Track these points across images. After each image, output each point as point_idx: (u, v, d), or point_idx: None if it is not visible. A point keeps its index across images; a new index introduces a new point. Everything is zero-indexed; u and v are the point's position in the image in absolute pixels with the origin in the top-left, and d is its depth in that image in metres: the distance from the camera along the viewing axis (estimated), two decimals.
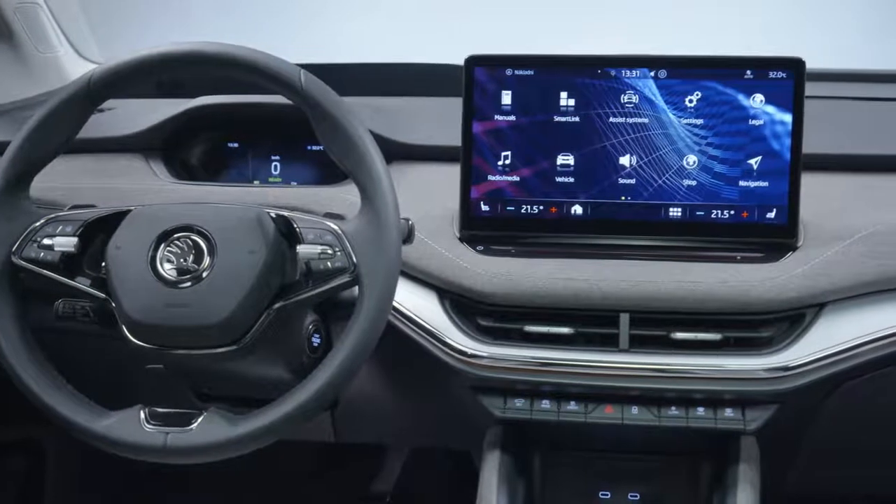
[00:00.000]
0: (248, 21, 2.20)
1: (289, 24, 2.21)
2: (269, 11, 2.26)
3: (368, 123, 1.36)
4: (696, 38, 1.89)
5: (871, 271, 1.34)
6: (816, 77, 1.52)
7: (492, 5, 2.24)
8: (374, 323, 1.21)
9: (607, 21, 2.18)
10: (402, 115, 1.62)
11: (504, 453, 1.44)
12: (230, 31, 1.63)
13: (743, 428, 1.37)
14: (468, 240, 1.44)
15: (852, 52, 2.00)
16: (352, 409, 1.54)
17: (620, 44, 1.86)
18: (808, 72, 1.38)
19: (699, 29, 2.08)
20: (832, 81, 1.70)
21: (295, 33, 2.14)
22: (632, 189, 1.43)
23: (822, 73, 1.66)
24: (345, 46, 2.07)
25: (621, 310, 1.36)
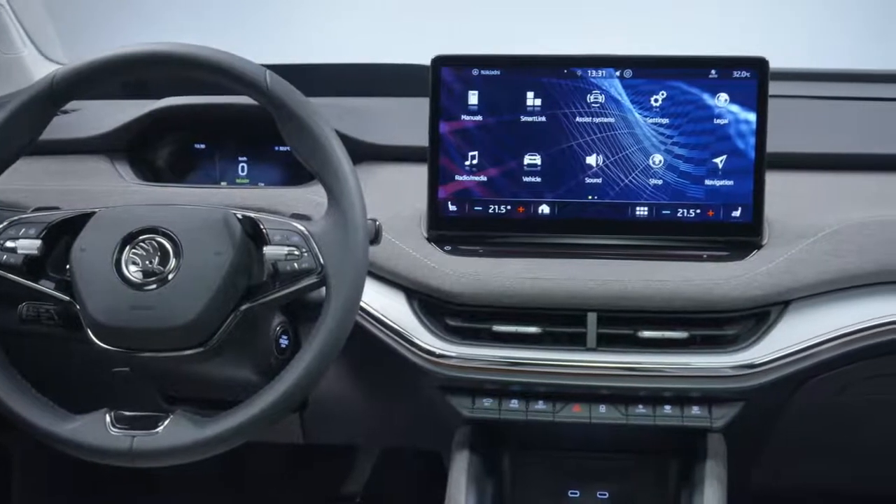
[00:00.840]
0: (218, 21, 2.19)
1: (259, 25, 2.20)
2: (240, 12, 2.25)
3: (335, 124, 1.36)
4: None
5: (834, 269, 1.35)
6: (780, 76, 1.53)
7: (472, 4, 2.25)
8: (341, 324, 1.21)
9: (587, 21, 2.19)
10: (370, 115, 1.62)
11: (473, 453, 1.45)
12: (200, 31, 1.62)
13: (709, 425, 1.38)
14: (436, 240, 1.44)
15: (855, 53, 2.02)
16: (321, 410, 1.54)
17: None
18: (772, 71, 1.39)
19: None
20: (796, 81, 1.71)
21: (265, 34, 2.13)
22: (598, 188, 1.43)
23: (786, 72, 1.68)
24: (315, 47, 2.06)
25: (589, 309, 1.37)
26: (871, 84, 1.76)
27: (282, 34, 2.11)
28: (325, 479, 2.15)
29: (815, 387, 1.38)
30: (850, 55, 1.99)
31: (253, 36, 2.08)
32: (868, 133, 1.57)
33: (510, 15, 2.17)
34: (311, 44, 2.06)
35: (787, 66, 1.66)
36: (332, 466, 2.14)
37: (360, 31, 2.10)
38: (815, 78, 1.76)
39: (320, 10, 2.15)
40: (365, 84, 1.70)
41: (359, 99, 1.66)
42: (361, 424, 1.62)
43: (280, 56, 1.57)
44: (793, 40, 1.97)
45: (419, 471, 2.03)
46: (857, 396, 1.43)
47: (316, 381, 1.21)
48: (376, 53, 1.78)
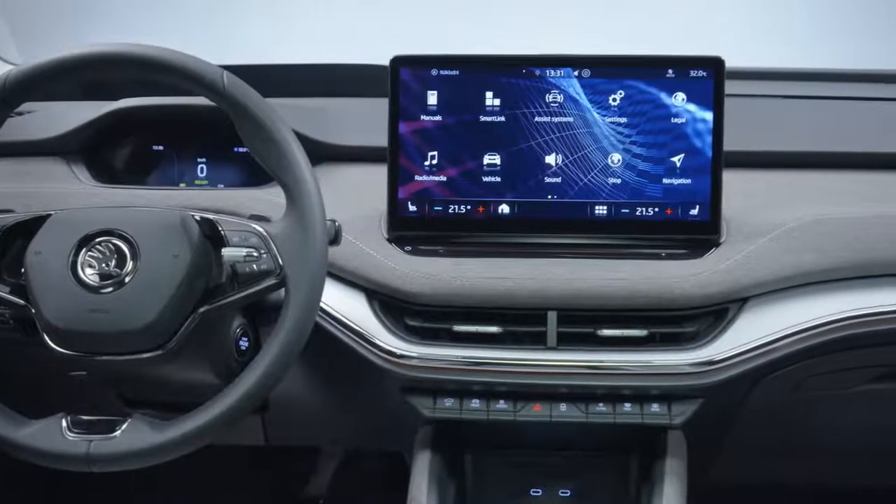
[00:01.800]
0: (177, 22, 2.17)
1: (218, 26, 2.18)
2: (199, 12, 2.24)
3: (294, 124, 1.35)
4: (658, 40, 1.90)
5: (791, 266, 1.37)
6: (736, 75, 1.55)
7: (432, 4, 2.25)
8: (300, 325, 1.20)
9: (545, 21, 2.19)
10: (329, 116, 1.61)
11: (434, 453, 1.45)
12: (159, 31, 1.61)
13: (669, 422, 1.39)
14: (396, 240, 1.44)
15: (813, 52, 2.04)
16: (282, 412, 1.53)
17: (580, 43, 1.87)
18: (728, 70, 1.40)
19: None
20: (752, 80, 1.73)
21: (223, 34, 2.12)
22: (558, 188, 1.44)
23: (742, 71, 1.69)
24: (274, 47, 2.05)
25: (549, 308, 1.37)
26: (826, 83, 1.78)
27: (240, 35, 2.10)
28: (288, 480, 2.15)
29: (773, 383, 1.40)
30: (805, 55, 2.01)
31: (212, 37, 2.06)
32: (823, 131, 1.59)
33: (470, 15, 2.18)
34: (270, 44, 2.05)
35: (743, 66, 1.68)
36: (294, 468, 2.13)
37: (318, 31, 2.09)
38: (770, 77, 1.77)
39: (279, 11, 2.14)
40: (324, 84, 1.69)
41: (318, 99, 1.66)
42: (323, 426, 1.62)
43: (238, 57, 1.56)
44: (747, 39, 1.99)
45: (382, 472, 2.03)
46: (813, 392, 1.45)
47: (276, 383, 1.21)
48: (335, 54, 1.77)
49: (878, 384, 1.45)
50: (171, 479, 1.89)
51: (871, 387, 1.46)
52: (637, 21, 2.07)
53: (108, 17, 2.26)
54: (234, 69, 1.26)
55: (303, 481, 2.14)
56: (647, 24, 2.05)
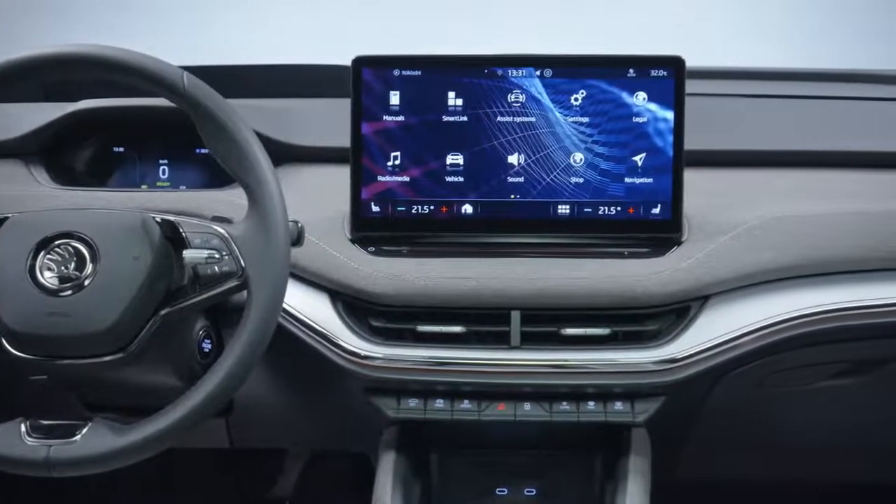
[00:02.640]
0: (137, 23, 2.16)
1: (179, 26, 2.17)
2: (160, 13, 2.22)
3: (256, 125, 1.35)
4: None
5: (751, 264, 1.38)
6: (697, 75, 1.56)
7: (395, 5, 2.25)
8: (263, 327, 1.20)
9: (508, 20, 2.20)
10: (292, 116, 1.60)
11: (399, 454, 1.45)
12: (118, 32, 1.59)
13: (632, 420, 1.39)
14: (359, 241, 1.44)
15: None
16: (247, 414, 1.53)
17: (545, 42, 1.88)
18: (689, 70, 1.41)
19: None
20: (713, 79, 1.74)
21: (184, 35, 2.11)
22: (521, 187, 1.44)
23: (703, 70, 1.71)
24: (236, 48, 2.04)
25: (512, 307, 1.38)
26: (786, 82, 1.80)
27: (201, 36, 2.09)
28: (254, 483, 2.14)
29: (735, 380, 1.41)
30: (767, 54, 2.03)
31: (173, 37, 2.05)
32: (783, 130, 1.60)
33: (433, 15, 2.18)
34: (232, 45, 2.04)
35: (703, 65, 1.69)
36: (260, 470, 2.12)
37: (280, 31, 2.09)
38: (731, 76, 1.79)
39: (241, 11, 2.13)
40: (286, 85, 1.68)
41: (280, 100, 1.65)
42: (288, 427, 1.61)
43: (200, 57, 1.55)
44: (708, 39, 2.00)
45: (348, 473, 2.03)
46: (775, 389, 1.46)
47: (238, 385, 1.20)
48: (297, 54, 1.76)
49: (838, 380, 1.47)
50: (135, 483, 1.88)
51: (831, 383, 1.47)
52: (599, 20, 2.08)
53: (65, 17, 2.24)
54: (196, 70, 1.25)
55: (268, 483, 2.13)
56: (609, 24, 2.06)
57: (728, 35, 2.09)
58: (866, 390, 1.49)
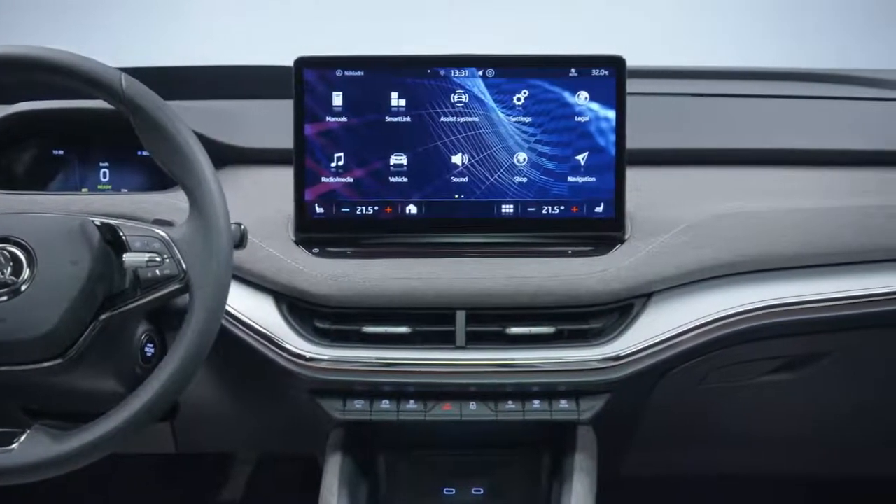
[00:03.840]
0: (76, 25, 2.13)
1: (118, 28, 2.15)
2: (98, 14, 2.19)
3: (198, 127, 1.34)
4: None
5: (693, 261, 1.39)
6: (638, 74, 1.58)
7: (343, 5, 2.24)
8: (205, 330, 1.19)
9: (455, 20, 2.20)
10: (234, 118, 1.59)
11: (346, 455, 1.44)
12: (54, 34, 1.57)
13: (577, 418, 1.40)
14: (303, 242, 1.43)
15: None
16: (192, 418, 1.52)
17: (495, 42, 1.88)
18: (630, 69, 1.42)
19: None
20: (654, 78, 1.76)
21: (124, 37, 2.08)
22: (465, 187, 1.44)
23: (644, 70, 1.72)
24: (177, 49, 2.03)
25: (457, 307, 1.38)
26: (726, 81, 1.82)
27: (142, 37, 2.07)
28: (201, 487, 2.12)
29: (678, 376, 1.42)
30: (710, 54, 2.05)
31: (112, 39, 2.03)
32: (723, 128, 1.62)
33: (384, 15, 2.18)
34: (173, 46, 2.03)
35: (644, 65, 1.71)
36: (207, 474, 2.11)
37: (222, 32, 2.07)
38: (671, 75, 1.81)
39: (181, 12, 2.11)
40: (228, 87, 1.67)
41: (222, 102, 1.63)
42: (234, 431, 1.60)
43: (140, 59, 1.54)
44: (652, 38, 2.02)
45: (297, 476, 2.01)
46: (717, 384, 1.48)
47: (181, 389, 1.20)
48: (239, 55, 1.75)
49: (777, 375, 1.49)
50: (80, 490, 1.86)
51: (771, 378, 1.49)
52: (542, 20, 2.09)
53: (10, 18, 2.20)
54: (135, 71, 1.24)
55: (216, 488, 2.11)
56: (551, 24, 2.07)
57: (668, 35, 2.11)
58: (804, 385, 1.51)
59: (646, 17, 2.15)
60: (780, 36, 2.18)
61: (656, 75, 1.78)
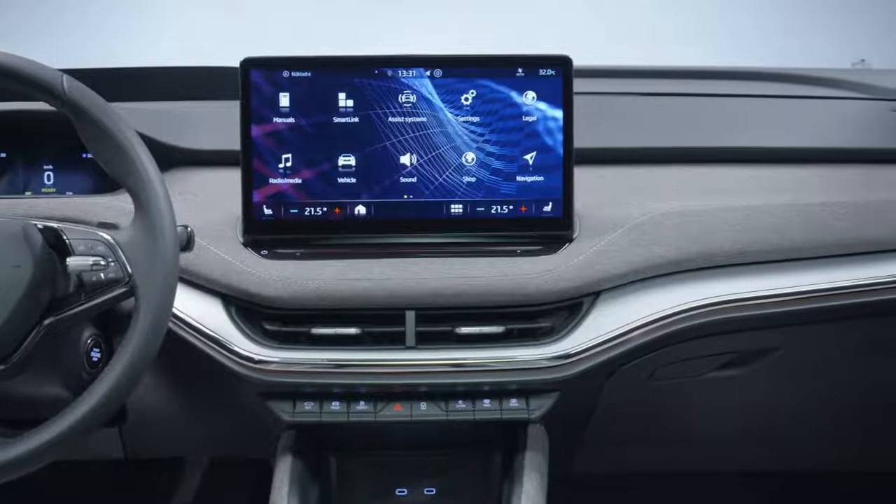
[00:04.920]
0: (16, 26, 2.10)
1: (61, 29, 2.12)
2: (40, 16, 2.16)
3: (144, 129, 1.33)
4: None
5: (640, 259, 1.40)
6: (585, 74, 1.59)
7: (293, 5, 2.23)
8: (151, 333, 1.18)
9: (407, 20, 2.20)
10: (180, 119, 1.58)
11: (296, 458, 1.44)
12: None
13: (528, 417, 1.41)
14: (252, 244, 1.43)
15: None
16: (141, 423, 1.50)
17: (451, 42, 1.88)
18: (576, 69, 1.43)
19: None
20: (600, 78, 1.77)
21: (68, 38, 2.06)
22: (413, 187, 1.44)
23: (591, 69, 1.74)
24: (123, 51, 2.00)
25: (407, 307, 1.38)
26: (672, 80, 1.84)
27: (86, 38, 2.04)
28: (153, 492, 2.10)
29: (627, 373, 1.43)
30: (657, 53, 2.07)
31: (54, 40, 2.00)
32: (670, 127, 1.63)
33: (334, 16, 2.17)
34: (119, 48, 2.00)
35: (591, 64, 1.72)
36: (157, 480, 2.08)
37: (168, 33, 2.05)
38: (618, 75, 1.82)
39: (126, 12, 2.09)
40: (174, 88, 1.65)
41: (169, 103, 1.62)
42: (184, 435, 1.59)
43: (87, 61, 1.52)
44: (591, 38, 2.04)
45: (249, 479, 2.00)
46: (666, 381, 1.49)
47: (126, 394, 1.18)
48: (187, 56, 1.73)
49: (724, 371, 1.51)
50: (26, 498, 1.83)
51: (718, 374, 1.51)
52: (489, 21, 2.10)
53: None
54: (79, 73, 1.22)
55: (167, 493, 2.09)
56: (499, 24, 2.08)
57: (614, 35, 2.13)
58: (752, 380, 1.53)
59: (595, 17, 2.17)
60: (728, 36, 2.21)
61: (603, 75, 1.79)
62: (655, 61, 1.90)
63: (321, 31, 2.15)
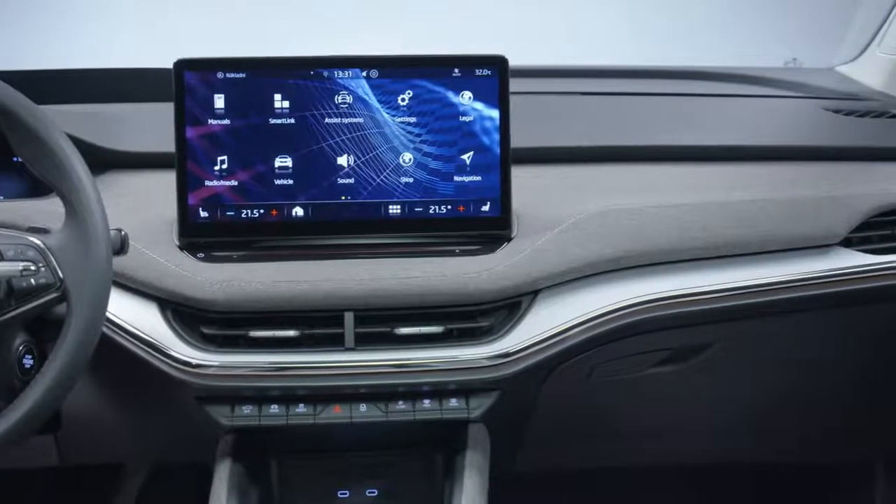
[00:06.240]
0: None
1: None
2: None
3: (76, 131, 1.30)
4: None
5: (577, 257, 1.41)
6: (521, 73, 1.59)
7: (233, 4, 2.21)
8: (84, 339, 1.16)
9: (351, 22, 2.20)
10: (113, 121, 1.56)
11: (236, 462, 1.42)
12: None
13: (467, 416, 1.41)
14: (188, 247, 1.41)
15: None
16: (77, 429, 1.48)
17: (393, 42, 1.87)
18: (513, 68, 1.44)
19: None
20: (537, 77, 1.78)
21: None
22: (351, 188, 1.44)
23: (527, 69, 1.74)
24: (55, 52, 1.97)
25: (345, 309, 1.37)
26: (608, 79, 1.86)
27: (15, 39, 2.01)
28: (91, 500, 2.06)
29: (566, 371, 1.44)
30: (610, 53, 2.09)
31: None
32: (606, 126, 1.65)
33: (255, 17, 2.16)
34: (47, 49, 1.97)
35: (528, 64, 1.73)
36: (96, 487, 2.05)
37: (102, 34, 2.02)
38: (555, 74, 1.83)
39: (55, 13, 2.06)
40: (107, 90, 1.63)
41: (101, 105, 1.60)
42: (121, 441, 1.57)
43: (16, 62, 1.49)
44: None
45: (190, 485, 1.98)
46: (605, 378, 1.51)
47: (59, 401, 1.16)
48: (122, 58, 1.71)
49: (662, 367, 1.53)
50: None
51: (656, 370, 1.53)
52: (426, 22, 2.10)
53: None
54: (6, 75, 1.20)
55: (106, 501, 2.06)
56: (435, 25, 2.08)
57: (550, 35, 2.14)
58: (691, 376, 1.55)
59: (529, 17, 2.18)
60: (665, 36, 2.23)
61: (540, 74, 1.80)
62: (592, 61, 1.91)
63: (254, 32, 2.14)
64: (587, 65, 1.89)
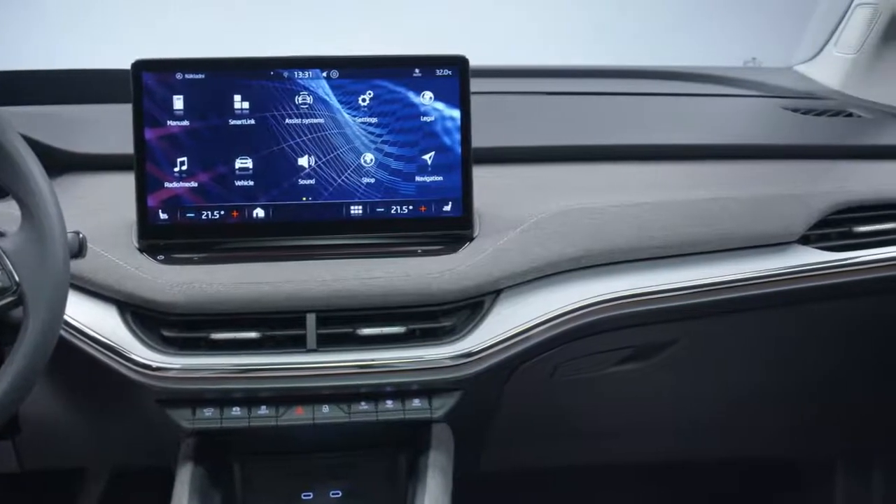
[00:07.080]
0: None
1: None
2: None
3: (32, 133, 1.29)
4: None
5: (539, 256, 1.42)
6: (482, 73, 1.59)
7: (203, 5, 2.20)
8: (40, 343, 1.15)
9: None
10: (71, 123, 1.54)
11: (198, 465, 1.41)
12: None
13: (430, 416, 1.41)
14: (148, 250, 1.40)
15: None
16: (36, 434, 1.47)
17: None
18: (473, 69, 1.44)
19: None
20: (497, 77, 1.79)
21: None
22: (312, 189, 1.43)
23: (488, 69, 1.75)
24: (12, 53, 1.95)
25: (307, 310, 1.37)
26: (569, 79, 1.86)
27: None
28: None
29: (529, 370, 1.44)
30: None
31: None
32: (567, 126, 1.66)
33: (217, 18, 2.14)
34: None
35: (488, 64, 1.73)
36: (57, 493, 2.03)
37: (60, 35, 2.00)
38: (516, 74, 1.84)
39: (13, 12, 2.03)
40: (64, 91, 1.62)
41: (58, 107, 1.58)
42: (81, 445, 1.55)
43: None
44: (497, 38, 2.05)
45: (154, 489, 1.96)
46: (568, 377, 1.51)
47: (15, 407, 1.15)
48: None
49: (624, 366, 1.53)
50: None
51: (618, 368, 1.53)
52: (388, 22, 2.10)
53: None
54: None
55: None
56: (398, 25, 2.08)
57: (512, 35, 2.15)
58: (654, 373, 1.55)
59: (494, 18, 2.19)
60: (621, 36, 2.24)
61: (500, 74, 1.81)
62: (553, 60, 1.92)
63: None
64: (549, 65, 1.89)
